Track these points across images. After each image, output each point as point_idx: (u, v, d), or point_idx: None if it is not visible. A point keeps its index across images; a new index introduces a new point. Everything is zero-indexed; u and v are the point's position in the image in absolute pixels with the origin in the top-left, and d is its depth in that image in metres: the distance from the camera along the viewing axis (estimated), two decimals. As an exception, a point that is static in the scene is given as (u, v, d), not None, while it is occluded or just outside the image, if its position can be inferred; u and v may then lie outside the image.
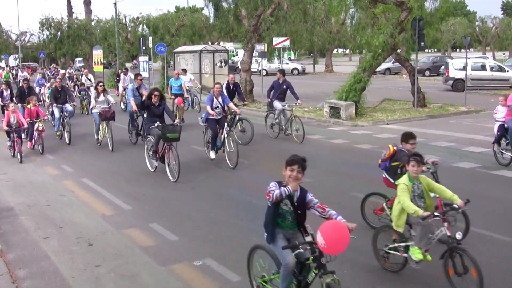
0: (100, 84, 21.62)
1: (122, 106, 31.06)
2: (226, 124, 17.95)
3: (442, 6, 29.82)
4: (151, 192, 14.58)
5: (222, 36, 62.15)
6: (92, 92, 21.97)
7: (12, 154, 19.85)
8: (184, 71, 32.81)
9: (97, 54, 53.78)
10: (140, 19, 68.11)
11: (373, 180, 13.38)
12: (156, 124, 15.99)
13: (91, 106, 22.57)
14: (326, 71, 73.25)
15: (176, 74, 29.81)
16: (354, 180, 15.35)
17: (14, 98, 26.75)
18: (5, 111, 22.83)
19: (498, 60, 56.68)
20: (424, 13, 28.70)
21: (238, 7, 37.69)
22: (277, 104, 21.82)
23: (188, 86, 30.22)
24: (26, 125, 19.54)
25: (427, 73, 57.85)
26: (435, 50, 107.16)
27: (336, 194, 13.72)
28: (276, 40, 33.34)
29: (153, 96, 16.72)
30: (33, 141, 20.62)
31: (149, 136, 16.89)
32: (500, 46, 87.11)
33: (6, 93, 28.64)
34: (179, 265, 9.55)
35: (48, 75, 47.62)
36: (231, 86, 22.46)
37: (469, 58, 36.03)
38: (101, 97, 21.00)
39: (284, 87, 22.23)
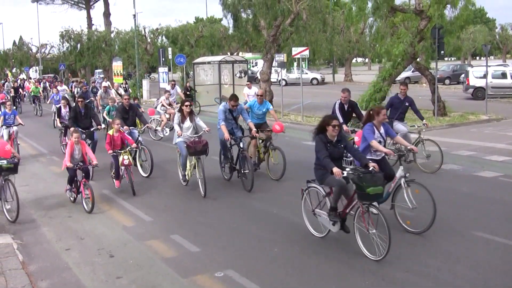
0: (187, 104, 15.96)
1: (160, 134, 25.47)
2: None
3: (462, 14, 29.72)
4: (172, 203, 14.59)
5: (241, 46, 62.28)
6: (176, 116, 16.05)
7: (71, 198, 14.92)
8: (250, 83, 30.16)
9: (117, 65, 54.08)
10: (159, 30, 68.35)
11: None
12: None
13: (176, 134, 15.79)
14: (345, 80, 73.10)
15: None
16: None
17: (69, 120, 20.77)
18: (68, 140, 18.82)
19: (519, 68, 56.21)
20: (444, 22, 28.65)
21: (256, 18, 37.71)
22: (400, 127, 18.01)
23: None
24: (95, 162, 14.43)
25: (447, 81, 57.67)
26: (455, 58, 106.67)
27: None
28: (295, 50, 33.33)
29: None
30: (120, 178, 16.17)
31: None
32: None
33: (65, 110, 22.79)
34: (200, 276, 9.53)
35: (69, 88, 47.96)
36: (345, 106, 17.10)
37: (489, 66, 35.82)
38: (187, 123, 15.82)
39: (407, 104, 18.76)
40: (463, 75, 48.93)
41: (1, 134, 21.99)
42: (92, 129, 19.32)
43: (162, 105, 26.81)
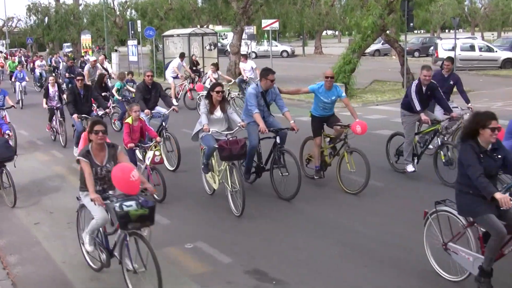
0: (218, 90, 11.67)
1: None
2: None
3: (431, -14, 29.79)
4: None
5: (211, 19, 61.95)
6: (202, 103, 12.12)
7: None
8: (245, 57, 27.54)
9: (86, 39, 53.63)
10: (128, 3, 67.84)
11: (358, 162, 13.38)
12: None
13: (201, 127, 11.71)
14: (315, 53, 73.18)
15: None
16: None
17: (65, 98, 18.40)
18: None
19: (487, 41, 56.69)
20: (413, -6, 28.67)
21: (227, -10, 37.53)
22: (438, 114, 14.01)
23: (247, 77, 25.63)
24: (159, 138, 12.72)
25: (416, 54, 57.93)
26: (424, 31, 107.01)
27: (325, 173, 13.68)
28: (265, 23, 33.24)
29: None
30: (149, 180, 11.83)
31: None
32: (489, 27, 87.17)
33: (54, 89, 19.49)
34: (170, 248, 9.54)
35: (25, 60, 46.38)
36: (424, 88, 13.16)
37: (458, 38, 36.11)
38: (218, 114, 11.89)
39: (451, 82, 15.58)
40: (432, 48, 49.37)
41: None
42: (100, 114, 16.70)
43: (211, 80, 23.66)
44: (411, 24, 28.72)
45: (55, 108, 19.19)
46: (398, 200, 11.87)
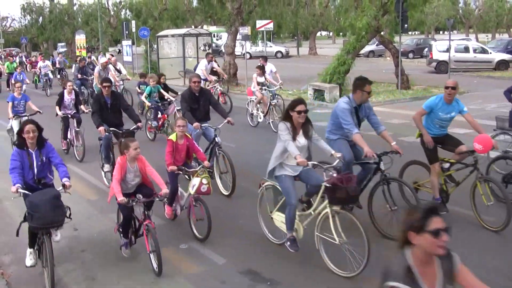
0: (300, 110, 8.74)
1: (260, 118, 21.38)
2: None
3: (425, -12, 29.84)
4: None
5: (205, 19, 61.94)
6: (283, 127, 8.85)
7: (125, 254, 9.49)
8: (265, 59, 24.21)
9: (80, 39, 53.59)
10: (122, 3, 67.76)
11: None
12: None
13: (279, 160, 9.02)
14: (310, 54, 73.22)
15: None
16: None
17: (82, 107, 17.65)
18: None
19: (481, 42, 56.83)
20: (407, -5, 28.71)
21: (221, -10, 37.52)
22: None
23: (267, 80, 22.24)
24: (164, 190, 9.05)
25: (410, 55, 58.01)
26: (419, 32, 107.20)
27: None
28: (259, 23, 33.24)
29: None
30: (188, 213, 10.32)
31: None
32: (483, 28, 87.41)
33: (70, 97, 17.22)
34: (165, 249, 9.51)
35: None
36: None
37: (452, 40, 36.21)
38: (301, 139, 8.94)
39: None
40: (426, 49, 49.32)
41: (10, 126, 17.22)
42: (132, 128, 13.31)
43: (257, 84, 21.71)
44: (406, 25, 28.75)
45: (70, 116, 17.01)
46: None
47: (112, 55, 33.34)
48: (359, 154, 10.10)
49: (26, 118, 15.18)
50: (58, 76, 39.90)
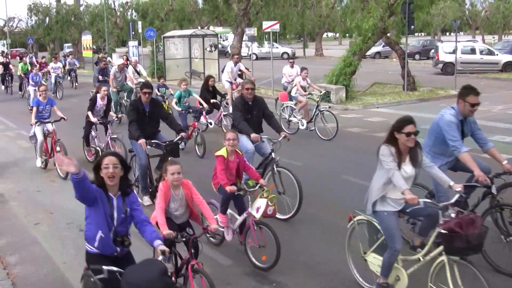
0: (409, 128, 7.36)
1: (300, 124, 19.64)
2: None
3: (432, -11, 29.81)
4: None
5: (211, 20, 62.01)
6: (386, 151, 7.29)
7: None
8: (293, 61, 24.80)
9: (86, 39, 53.64)
10: (129, 3, 67.86)
11: (363, 164, 13.41)
12: None
13: (381, 193, 7.38)
14: (316, 55, 73.15)
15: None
16: (345, 163, 15.36)
17: (113, 114, 16.80)
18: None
19: (488, 44, 56.67)
20: (414, -4, 28.69)
21: (227, -9, 37.58)
22: None
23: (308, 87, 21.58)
24: (214, 226, 7.59)
25: (417, 56, 57.90)
26: (425, 33, 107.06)
27: (328, 178, 13.77)
28: (265, 24, 33.24)
29: None
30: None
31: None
32: (489, 30, 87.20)
33: (103, 103, 15.88)
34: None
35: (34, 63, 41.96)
36: None
37: (459, 41, 36.13)
38: (408, 168, 7.40)
39: None
40: (433, 51, 49.25)
41: (32, 132, 15.38)
42: (176, 140, 11.89)
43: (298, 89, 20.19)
44: (412, 26, 28.70)
45: (101, 123, 15.68)
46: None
47: (126, 57, 33.05)
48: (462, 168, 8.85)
49: (50, 124, 15.25)
50: (69, 78, 39.09)
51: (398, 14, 28.49)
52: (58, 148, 14.74)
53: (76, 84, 37.83)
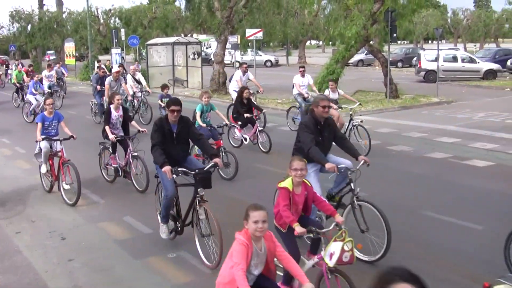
0: None
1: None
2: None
3: (414, -3, 29.99)
4: (124, 186, 14.43)
5: (195, 28, 62.00)
6: None
7: None
8: (304, 70, 22.77)
9: (69, 46, 53.50)
10: (112, 11, 67.67)
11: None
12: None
13: None
14: (299, 62, 73.27)
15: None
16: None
17: (134, 123, 14.48)
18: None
19: (469, 52, 57.11)
20: (396, 5, 28.88)
21: (210, -1, 37.63)
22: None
23: (309, 94, 21.86)
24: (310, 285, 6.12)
25: (399, 64, 58.42)
26: (408, 41, 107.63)
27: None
28: (249, 32, 33.30)
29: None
30: None
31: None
32: (471, 38, 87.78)
33: (118, 114, 14.26)
34: (153, 257, 9.53)
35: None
36: None
37: (441, 49, 36.41)
38: None
39: None
40: (415, 58, 49.56)
41: (38, 149, 13.71)
42: (208, 167, 9.47)
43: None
44: (395, 34, 28.91)
45: (123, 137, 14.19)
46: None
47: (122, 64, 32.09)
48: None
49: (59, 142, 13.48)
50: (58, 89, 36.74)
51: (381, 22, 28.66)
52: (66, 170, 13.07)
53: (64, 94, 35.02)
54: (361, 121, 17.63)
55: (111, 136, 13.66)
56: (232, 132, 18.03)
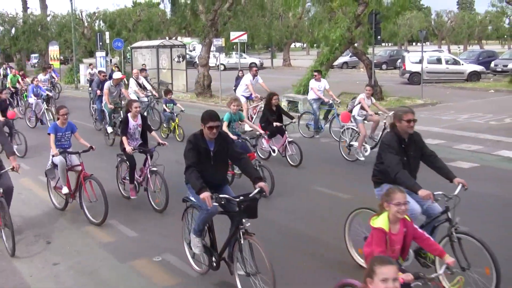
0: None
1: (360, 153, 16.60)
2: None
3: (398, 0, 30.10)
4: (109, 189, 14.35)
5: (179, 31, 62.01)
6: None
7: None
8: (320, 74, 22.19)
9: (54, 50, 53.38)
10: (96, 14, 67.53)
11: (334, 173, 13.49)
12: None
13: None
14: (284, 65, 73.43)
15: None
16: (314, 173, 15.40)
17: (155, 135, 13.40)
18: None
19: (453, 54, 57.48)
20: (381, 7, 28.99)
21: (195, 2, 37.64)
22: None
23: (330, 99, 21.12)
24: None
25: (384, 66, 58.65)
26: (392, 44, 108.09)
27: (297, 188, 13.81)
28: (233, 35, 33.31)
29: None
30: None
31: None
32: (455, 40, 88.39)
33: (136, 123, 13.00)
34: (139, 261, 9.50)
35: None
36: None
37: (425, 51, 36.52)
38: None
39: None
40: (399, 60, 49.83)
41: (50, 165, 12.48)
42: (254, 194, 7.85)
43: (361, 108, 17.00)
44: (379, 37, 28.98)
45: (142, 151, 12.88)
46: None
47: (117, 66, 31.18)
48: None
49: (77, 155, 12.24)
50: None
51: (365, 25, 28.76)
52: (89, 187, 11.74)
53: (56, 99, 32.61)
54: None
55: (128, 148, 12.40)
56: (260, 143, 16.25)
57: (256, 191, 7.81)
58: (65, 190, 12.12)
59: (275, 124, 15.59)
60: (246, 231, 7.74)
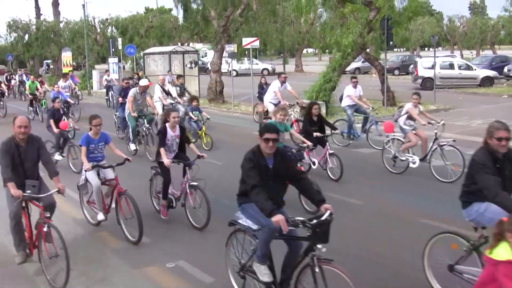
0: None
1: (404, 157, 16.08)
2: None
3: (410, 5, 30.03)
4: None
5: (191, 37, 62.15)
6: None
7: None
8: (356, 80, 22.55)
9: (66, 56, 53.59)
10: (109, 20, 67.83)
11: (348, 181, 13.43)
12: None
13: None
14: (296, 71, 73.37)
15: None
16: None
17: (192, 146, 12.71)
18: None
19: (466, 59, 57.34)
20: (392, 13, 28.92)
21: (207, 8, 37.68)
22: None
23: (369, 105, 21.35)
24: None
25: (396, 72, 58.47)
26: (404, 49, 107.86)
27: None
28: (245, 41, 33.32)
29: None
30: None
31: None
32: (467, 45, 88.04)
33: (174, 134, 12.19)
34: (152, 267, 9.50)
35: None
36: None
37: (437, 57, 36.43)
38: None
39: None
40: (412, 66, 49.68)
41: (81, 181, 11.97)
42: (326, 217, 6.93)
43: (408, 118, 16.18)
44: (391, 42, 28.97)
45: (180, 162, 12.03)
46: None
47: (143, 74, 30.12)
48: None
49: (111, 169, 11.48)
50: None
51: (377, 30, 28.71)
52: (124, 202, 11.02)
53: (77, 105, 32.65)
54: (454, 141, 15.53)
55: (166, 161, 11.54)
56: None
57: (327, 213, 6.90)
58: (100, 216, 11.57)
59: (315, 134, 14.77)
60: (320, 257, 6.83)
